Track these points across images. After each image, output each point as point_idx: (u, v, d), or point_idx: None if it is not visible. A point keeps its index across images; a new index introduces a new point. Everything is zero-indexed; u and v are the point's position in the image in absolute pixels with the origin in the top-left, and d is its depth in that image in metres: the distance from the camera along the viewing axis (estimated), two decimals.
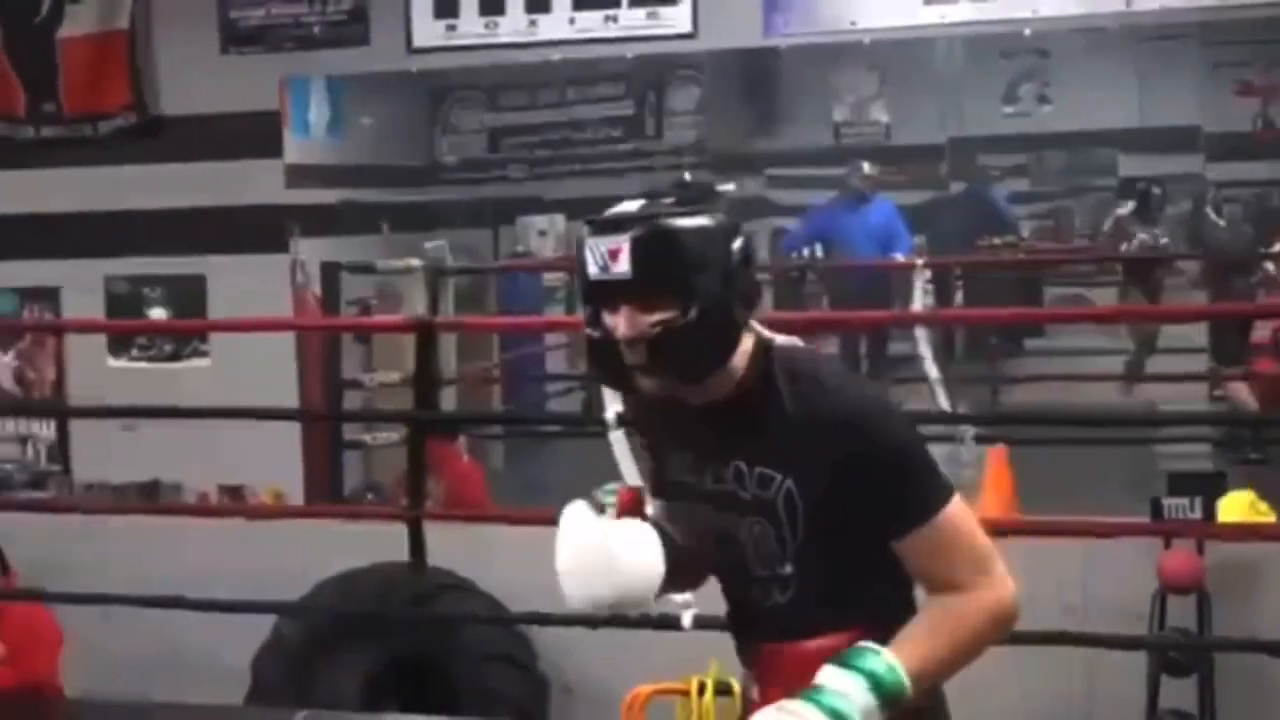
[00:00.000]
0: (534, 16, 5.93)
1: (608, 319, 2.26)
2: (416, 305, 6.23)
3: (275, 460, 6.08)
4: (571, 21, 5.91)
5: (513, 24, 5.95)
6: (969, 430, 6.15)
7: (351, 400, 6.51)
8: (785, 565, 2.34)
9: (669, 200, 2.32)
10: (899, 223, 6.48)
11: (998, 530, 4.71)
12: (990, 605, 2.24)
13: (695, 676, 5.46)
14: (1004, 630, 2.29)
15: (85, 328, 6.50)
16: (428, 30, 6.02)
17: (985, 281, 6.75)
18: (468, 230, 6.44)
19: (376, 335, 6.44)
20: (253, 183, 6.22)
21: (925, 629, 2.22)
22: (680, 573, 2.51)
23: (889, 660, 2.14)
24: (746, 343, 2.32)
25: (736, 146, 6.23)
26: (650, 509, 2.53)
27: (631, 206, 2.29)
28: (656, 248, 2.24)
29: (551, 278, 6.62)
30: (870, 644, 2.16)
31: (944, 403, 6.21)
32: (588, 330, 2.31)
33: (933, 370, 6.25)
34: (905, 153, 6.49)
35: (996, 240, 6.68)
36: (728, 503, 2.36)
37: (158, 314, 6.42)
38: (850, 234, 6.50)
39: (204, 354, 6.35)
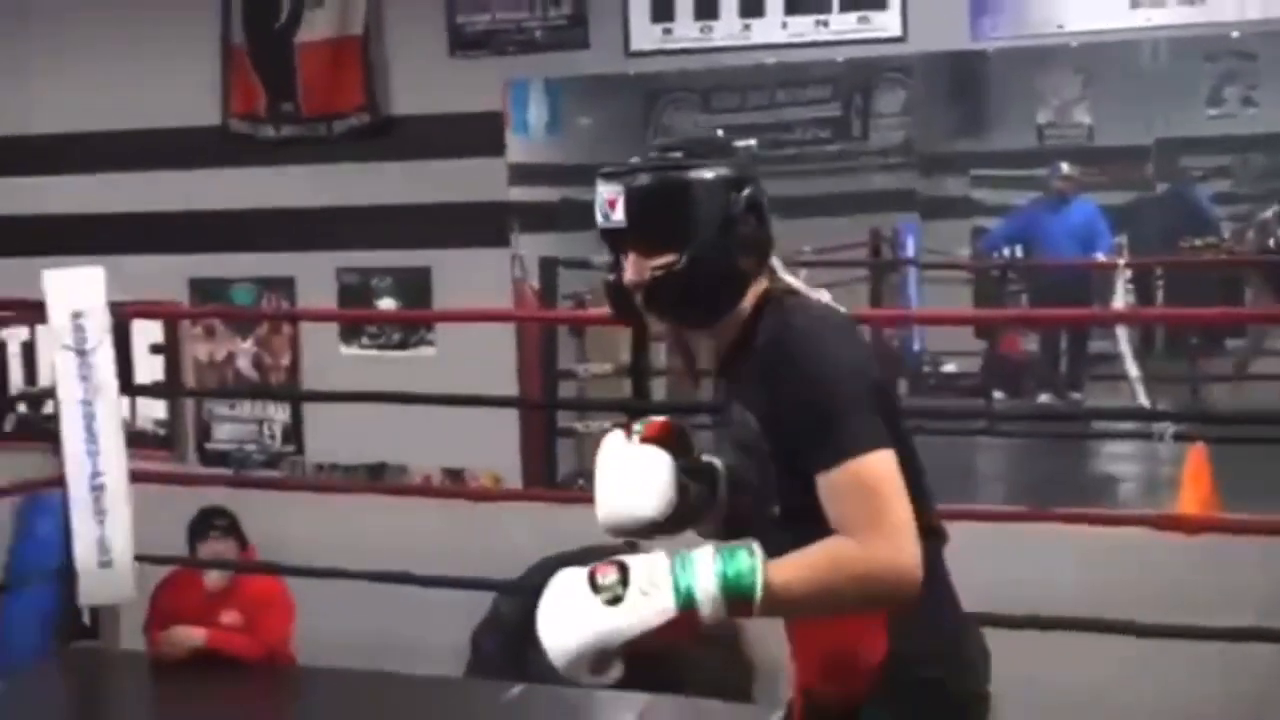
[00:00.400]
0: (748, 21, 5.96)
1: (623, 264, 2.35)
2: None
3: (494, 445, 6.17)
4: (784, 26, 5.93)
5: (727, 28, 5.99)
6: (1169, 428, 6.09)
7: (565, 390, 6.59)
8: (774, 506, 2.37)
9: (676, 154, 2.38)
10: (1100, 222, 6.39)
11: (1196, 527, 4.75)
12: (874, 563, 2.17)
13: None
14: (881, 594, 2.21)
15: (319, 317, 6.66)
16: (645, 34, 6.09)
17: (1186, 281, 6.66)
18: None
19: (590, 328, 6.48)
20: (476, 180, 6.29)
21: (807, 560, 2.18)
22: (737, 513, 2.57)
23: (757, 570, 2.11)
24: (757, 288, 2.38)
25: (941, 147, 6.12)
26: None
27: (638, 159, 2.35)
28: (647, 198, 2.33)
29: None
30: (756, 548, 2.13)
31: (1144, 400, 6.16)
32: (606, 275, 2.41)
33: (1133, 368, 6.19)
34: (1108, 154, 6.38)
35: (1198, 241, 6.58)
36: (739, 444, 2.44)
37: (386, 304, 6.56)
38: (1051, 233, 6.42)
39: (429, 343, 6.48)
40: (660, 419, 2.55)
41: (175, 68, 6.75)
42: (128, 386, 5.91)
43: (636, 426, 2.55)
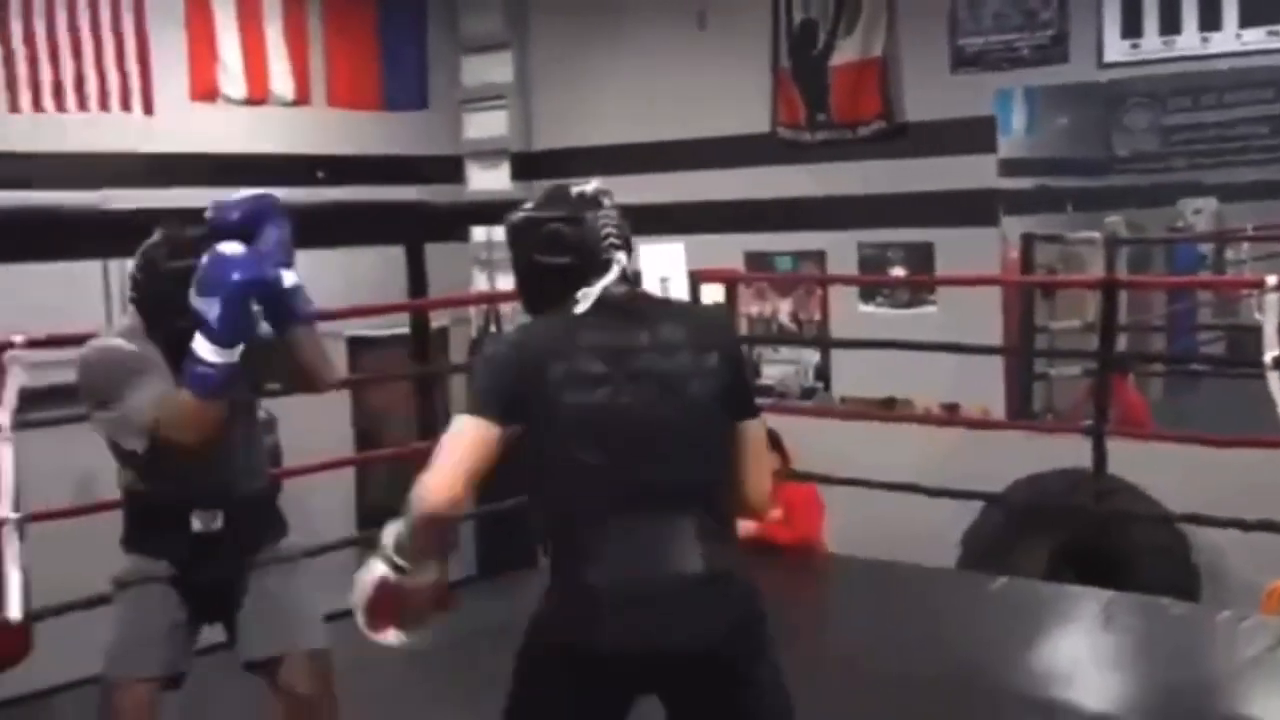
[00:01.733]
0: (1206, 34, 5.87)
1: None
2: (1094, 268, 6.18)
3: (982, 384, 6.25)
4: (1238, 36, 5.82)
5: (1187, 41, 5.92)
6: None
7: (1039, 341, 6.57)
8: None
9: (532, 203, 2.60)
10: None
11: None
12: (420, 484, 2.29)
13: None
14: (414, 500, 2.32)
15: (844, 281, 6.88)
16: (1116, 48, 6.08)
17: None
18: (1139, 210, 6.25)
19: (1059, 291, 6.47)
20: (971, 173, 6.40)
21: None
22: None
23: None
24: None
25: None
26: None
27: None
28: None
29: (1204, 247, 6.34)
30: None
31: None
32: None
33: None
34: None
35: None
36: None
37: (897, 271, 6.75)
38: None
39: (931, 303, 6.63)
40: None
41: (736, 89, 7.12)
42: None
43: None
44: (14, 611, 4.06)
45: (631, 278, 2.54)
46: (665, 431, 2.39)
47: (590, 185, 2.56)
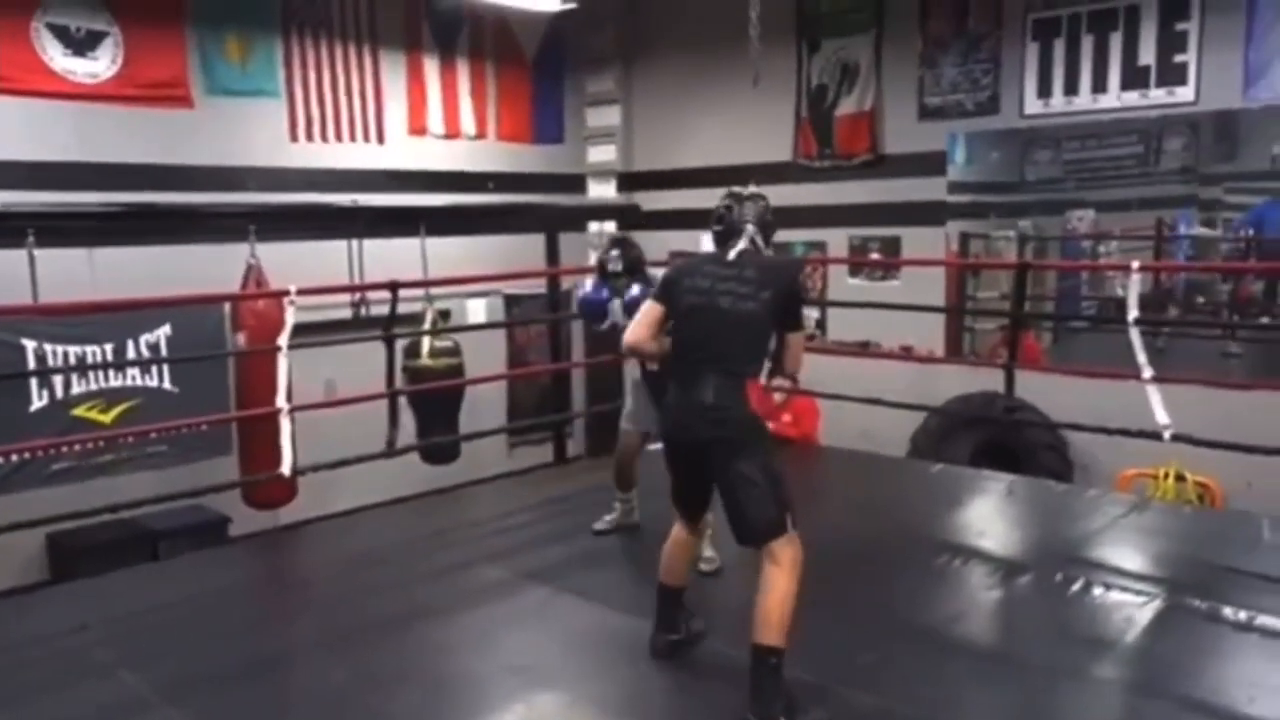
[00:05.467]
0: (1096, 95, 5.68)
1: None
2: (1009, 257, 6.09)
3: (930, 333, 6.15)
4: (1118, 98, 5.62)
5: (1083, 100, 5.74)
6: None
7: (968, 305, 6.40)
8: None
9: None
10: None
11: None
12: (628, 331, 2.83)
13: (1162, 466, 5.24)
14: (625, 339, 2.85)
15: (837, 261, 6.69)
16: (1032, 105, 5.92)
17: None
18: (1041, 217, 6.10)
19: (983, 272, 6.31)
20: (928, 190, 6.26)
21: None
22: None
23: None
24: None
25: (1208, 168, 5.58)
26: None
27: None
28: None
29: (1086, 243, 6.14)
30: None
31: None
32: None
33: None
34: None
35: None
36: None
37: (874, 255, 6.56)
38: (1273, 221, 5.73)
39: (897, 278, 6.46)
40: None
41: (769, 131, 6.95)
42: None
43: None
44: (286, 469, 4.10)
45: (757, 243, 2.78)
46: (723, 325, 2.65)
47: (748, 190, 2.88)
